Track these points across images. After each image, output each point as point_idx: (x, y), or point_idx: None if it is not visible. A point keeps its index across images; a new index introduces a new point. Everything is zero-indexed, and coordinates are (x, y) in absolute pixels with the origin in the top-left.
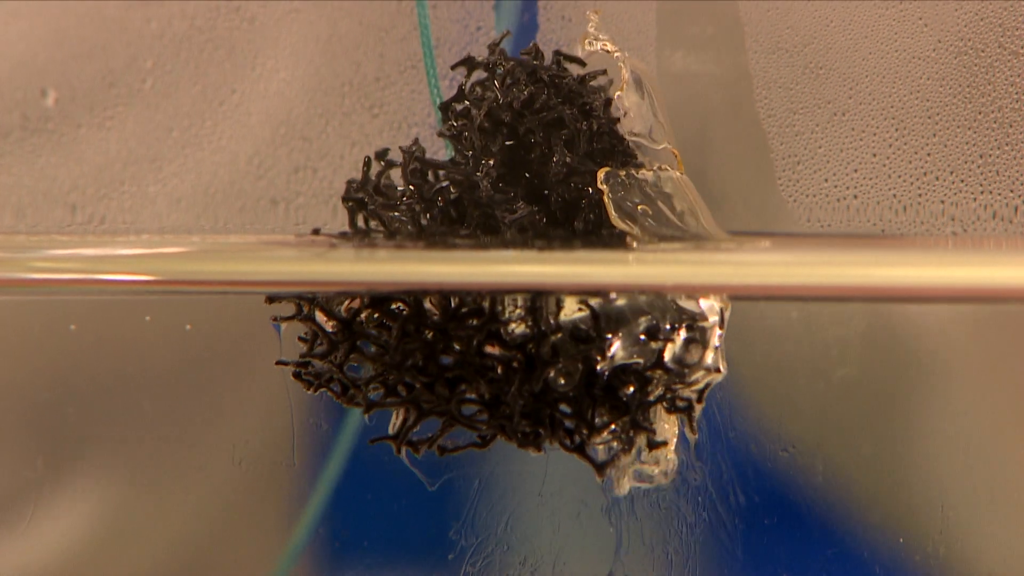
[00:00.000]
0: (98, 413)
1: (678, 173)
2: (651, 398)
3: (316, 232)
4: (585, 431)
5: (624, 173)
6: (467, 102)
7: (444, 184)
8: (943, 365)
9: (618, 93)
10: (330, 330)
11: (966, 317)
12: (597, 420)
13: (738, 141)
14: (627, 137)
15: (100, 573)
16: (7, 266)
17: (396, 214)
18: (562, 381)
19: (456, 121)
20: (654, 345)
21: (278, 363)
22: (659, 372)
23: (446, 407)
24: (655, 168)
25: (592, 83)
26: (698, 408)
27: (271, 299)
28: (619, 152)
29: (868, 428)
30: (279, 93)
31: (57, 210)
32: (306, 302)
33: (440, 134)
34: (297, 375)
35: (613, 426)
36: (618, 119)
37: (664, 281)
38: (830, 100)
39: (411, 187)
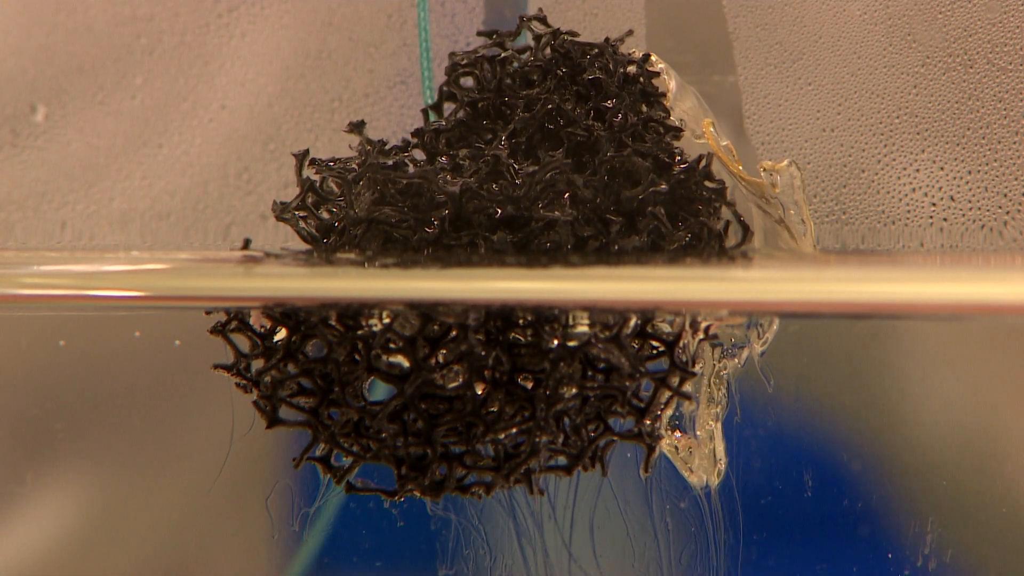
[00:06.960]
0: (87, 428)
1: (740, 166)
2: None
3: (246, 244)
4: (481, 428)
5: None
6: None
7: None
8: (930, 380)
9: (667, 103)
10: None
11: (958, 325)
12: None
13: None
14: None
15: None
16: None
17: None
18: (451, 384)
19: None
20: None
21: (214, 367)
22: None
23: (326, 432)
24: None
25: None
26: (661, 442)
27: (208, 311)
28: (656, 99)
29: (857, 441)
30: (268, 108)
31: (46, 226)
32: (226, 313)
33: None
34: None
35: (515, 428)
36: (657, 73)
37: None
38: (818, 116)
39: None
